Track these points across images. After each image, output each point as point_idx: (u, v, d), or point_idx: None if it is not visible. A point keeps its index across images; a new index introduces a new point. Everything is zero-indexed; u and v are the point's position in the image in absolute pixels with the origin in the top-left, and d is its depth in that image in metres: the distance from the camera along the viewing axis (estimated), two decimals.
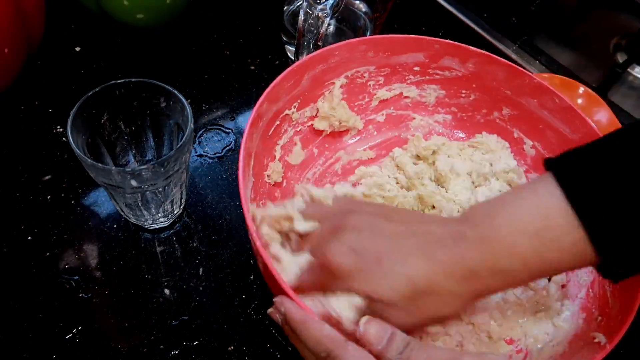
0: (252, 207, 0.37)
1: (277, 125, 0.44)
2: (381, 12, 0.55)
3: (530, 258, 0.29)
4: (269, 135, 0.44)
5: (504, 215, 0.30)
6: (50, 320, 0.39)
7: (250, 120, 0.38)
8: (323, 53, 0.44)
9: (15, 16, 0.43)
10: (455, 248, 0.30)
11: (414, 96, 0.51)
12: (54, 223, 0.43)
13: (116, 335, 0.39)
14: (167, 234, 0.45)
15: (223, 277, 0.43)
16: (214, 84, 0.56)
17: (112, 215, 0.45)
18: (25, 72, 0.49)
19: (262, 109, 0.41)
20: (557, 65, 0.65)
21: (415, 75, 0.49)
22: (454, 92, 0.50)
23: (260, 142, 0.42)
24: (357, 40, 0.45)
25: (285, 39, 0.57)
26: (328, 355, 0.28)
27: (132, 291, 0.41)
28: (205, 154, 0.50)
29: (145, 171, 0.36)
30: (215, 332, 0.40)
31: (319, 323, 0.28)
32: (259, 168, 0.43)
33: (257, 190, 0.41)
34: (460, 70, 0.48)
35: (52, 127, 0.49)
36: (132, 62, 0.56)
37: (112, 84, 0.38)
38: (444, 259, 0.30)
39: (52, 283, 0.40)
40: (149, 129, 0.42)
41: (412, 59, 0.48)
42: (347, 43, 0.45)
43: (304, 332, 0.28)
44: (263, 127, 0.42)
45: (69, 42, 0.56)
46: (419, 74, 0.49)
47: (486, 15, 0.70)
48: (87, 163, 0.35)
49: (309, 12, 0.43)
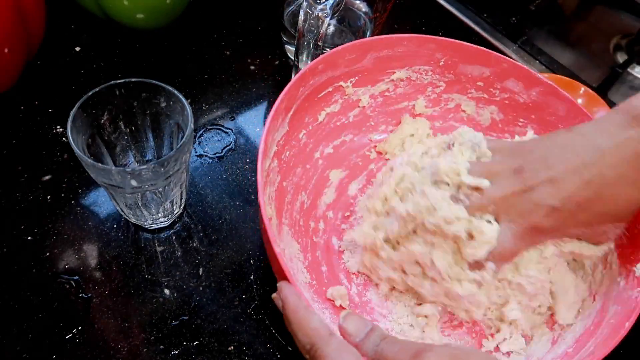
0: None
1: (328, 91, 0.44)
2: (381, 12, 0.55)
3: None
4: (318, 97, 0.44)
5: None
6: (50, 320, 0.39)
7: (300, 73, 0.39)
8: (391, 39, 0.44)
9: (15, 16, 0.43)
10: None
11: (471, 112, 0.49)
12: (54, 223, 0.43)
13: (116, 335, 0.39)
14: (167, 234, 0.45)
15: (223, 277, 0.43)
16: (214, 84, 0.56)
17: (112, 215, 0.45)
18: (25, 72, 0.49)
19: (318, 68, 0.41)
20: (557, 65, 0.65)
21: (478, 91, 0.48)
22: (512, 119, 0.48)
23: (305, 100, 0.42)
24: (428, 37, 0.45)
25: (285, 39, 0.57)
26: (312, 348, 0.28)
27: (132, 291, 0.41)
28: (205, 154, 0.50)
29: (145, 171, 0.36)
30: (215, 332, 0.40)
31: (310, 314, 0.28)
32: (298, 122, 0.43)
33: (288, 139, 0.43)
34: (523, 96, 0.46)
35: (52, 127, 0.49)
36: (132, 62, 0.56)
37: (112, 84, 0.38)
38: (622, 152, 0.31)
39: (52, 283, 0.40)
40: (149, 129, 0.42)
41: (477, 72, 0.46)
42: (418, 37, 0.44)
43: (295, 321, 0.29)
44: (313, 87, 0.42)
45: (69, 42, 0.56)
46: (482, 90, 0.47)
47: (486, 15, 0.70)
48: (87, 163, 0.35)
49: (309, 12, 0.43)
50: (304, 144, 0.46)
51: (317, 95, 0.44)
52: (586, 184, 0.32)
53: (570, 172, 0.32)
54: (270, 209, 0.40)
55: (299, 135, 0.45)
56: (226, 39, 0.60)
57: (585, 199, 0.32)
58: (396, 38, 0.44)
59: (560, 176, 0.33)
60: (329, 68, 0.43)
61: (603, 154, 0.32)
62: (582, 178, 0.32)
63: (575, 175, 0.32)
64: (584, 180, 0.32)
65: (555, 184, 0.33)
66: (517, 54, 0.66)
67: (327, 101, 0.46)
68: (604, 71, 0.66)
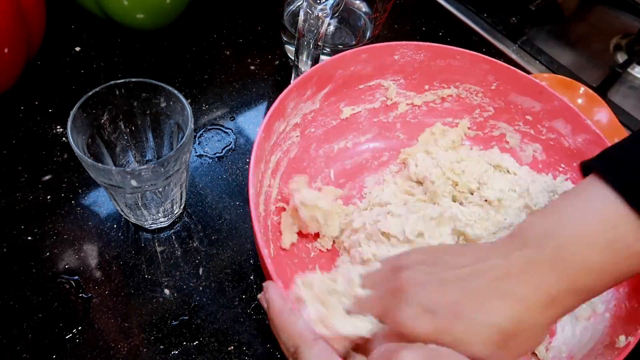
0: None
1: (369, 85, 0.45)
2: (381, 12, 0.55)
3: (606, 271, 0.28)
4: (359, 88, 0.45)
5: (566, 231, 0.28)
6: (50, 320, 0.39)
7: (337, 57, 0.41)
8: (446, 50, 0.44)
9: (16, 16, 0.43)
10: (530, 279, 0.28)
11: (514, 145, 0.48)
12: (54, 223, 0.43)
13: (116, 335, 0.39)
14: (167, 234, 0.45)
15: (223, 277, 0.43)
16: (214, 84, 0.56)
17: (112, 215, 0.45)
18: (25, 72, 0.49)
19: (361, 57, 0.42)
20: (557, 65, 0.65)
21: (525, 125, 0.46)
22: (553, 162, 0.46)
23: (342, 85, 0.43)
24: (483, 58, 0.44)
25: (285, 39, 0.57)
26: (295, 351, 0.28)
27: (132, 291, 0.41)
28: (205, 154, 0.50)
29: (145, 171, 0.36)
30: (215, 332, 0.40)
31: (294, 317, 0.28)
32: (332, 105, 0.44)
33: (316, 116, 0.44)
34: (569, 140, 0.44)
35: (52, 127, 0.49)
36: (132, 62, 0.56)
37: (112, 84, 0.38)
38: (522, 293, 0.28)
39: (52, 283, 0.40)
40: (149, 129, 0.42)
41: (527, 104, 0.45)
42: (472, 54, 0.44)
43: (279, 323, 0.28)
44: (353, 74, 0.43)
45: (69, 42, 0.56)
46: (529, 125, 0.46)
47: (486, 15, 0.70)
48: (87, 163, 0.35)
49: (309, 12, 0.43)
50: (333, 128, 0.46)
51: (357, 85, 0.44)
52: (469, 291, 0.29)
53: (454, 279, 0.30)
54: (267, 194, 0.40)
55: (330, 119, 0.45)
56: (226, 39, 0.60)
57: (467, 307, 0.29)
58: (450, 50, 0.44)
59: (443, 279, 0.30)
60: (375, 60, 0.43)
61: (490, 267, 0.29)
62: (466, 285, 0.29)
63: (458, 284, 0.29)
64: (467, 288, 0.29)
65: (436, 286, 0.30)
66: (517, 54, 0.66)
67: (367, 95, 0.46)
68: (604, 71, 0.66)
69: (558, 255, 0.28)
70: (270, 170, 0.41)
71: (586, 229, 0.28)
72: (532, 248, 0.29)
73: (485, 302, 0.28)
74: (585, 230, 0.28)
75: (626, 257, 0.28)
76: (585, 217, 0.28)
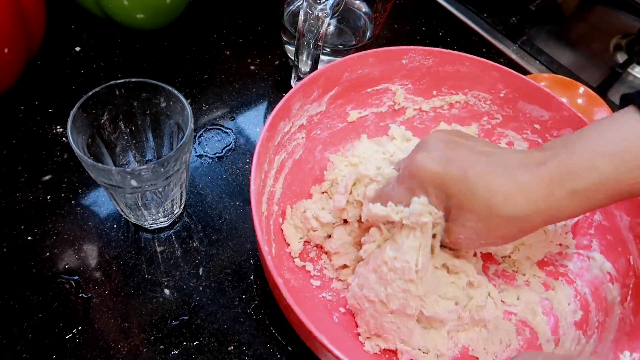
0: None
1: (377, 89, 0.45)
2: (381, 12, 0.55)
3: (609, 178, 0.30)
4: (366, 91, 0.45)
5: (583, 142, 0.31)
6: (50, 320, 0.39)
7: (344, 59, 0.41)
8: (452, 56, 0.44)
9: (16, 16, 0.43)
10: (536, 171, 0.31)
11: None
12: (54, 223, 0.43)
13: (116, 335, 0.39)
14: (167, 234, 0.45)
15: (223, 277, 0.43)
16: (214, 84, 0.56)
17: (112, 215, 0.45)
18: (25, 72, 0.49)
19: (368, 61, 0.42)
20: (557, 65, 0.65)
21: (534, 134, 0.46)
22: None
23: (349, 88, 0.44)
24: (493, 65, 0.44)
25: (285, 39, 0.57)
26: None
27: (132, 291, 0.41)
28: (205, 154, 0.50)
29: (145, 171, 0.36)
30: (215, 332, 0.40)
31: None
32: (338, 108, 0.45)
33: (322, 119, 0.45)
34: None
35: (52, 127, 0.49)
36: (132, 62, 0.56)
37: (112, 84, 0.38)
38: (524, 179, 0.31)
39: (52, 283, 0.40)
40: (149, 129, 0.42)
41: (536, 113, 0.45)
42: (482, 61, 0.44)
43: None
44: (361, 77, 0.44)
45: (69, 42, 0.56)
46: (537, 134, 0.46)
47: (486, 15, 0.70)
48: (87, 163, 0.35)
49: (309, 12, 0.43)
50: (339, 131, 0.47)
51: (365, 89, 0.45)
52: (478, 157, 0.32)
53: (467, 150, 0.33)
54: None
55: (337, 121, 0.46)
56: (226, 39, 0.60)
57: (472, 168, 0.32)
58: (458, 56, 0.44)
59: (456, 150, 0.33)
60: (382, 63, 0.43)
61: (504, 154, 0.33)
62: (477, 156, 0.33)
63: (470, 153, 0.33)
64: (478, 157, 0.33)
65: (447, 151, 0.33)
66: (517, 54, 0.66)
67: (374, 98, 0.46)
68: (604, 71, 0.67)
69: (568, 159, 0.30)
70: (274, 171, 0.41)
71: (602, 141, 0.30)
72: (548, 153, 0.32)
73: (490, 174, 0.31)
74: (601, 142, 0.30)
75: (633, 168, 0.29)
76: (606, 132, 0.31)
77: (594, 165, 0.30)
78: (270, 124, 0.37)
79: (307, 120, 0.43)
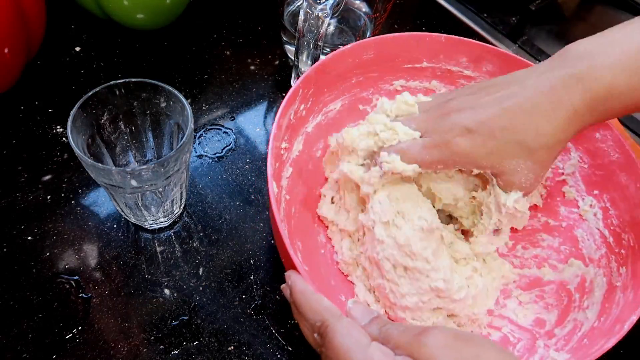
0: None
1: (361, 80, 0.46)
2: (381, 12, 0.55)
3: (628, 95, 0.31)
4: (351, 81, 0.46)
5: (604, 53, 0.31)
6: (50, 320, 0.39)
7: (343, 48, 0.42)
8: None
9: (16, 16, 0.43)
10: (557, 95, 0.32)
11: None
12: (54, 223, 0.43)
13: (116, 335, 0.39)
14: (167, 234, 0.45)
15: (223, 277, 0.43)
16: (214, 84, 0.56)
17: (112, 215, 0.45)
18: (25, 72, 0.49)
19: (367, 55, 0.43)
20: None
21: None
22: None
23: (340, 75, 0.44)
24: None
25: (285, 39, 0.57)
26: (322, 324, 0.28)
27: (132, 291, 0.41)
28: (205, 154, 0.50)
29: (145, 171, 0.36)
30: (215, 332, 0.40)
31: (319, 296, 0.29)
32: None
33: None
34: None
35: (52, 127, 0.49)
36: (132, 62, 0.56)
37: (112, 84, 0.38)
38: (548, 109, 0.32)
39: (52, 283, 0.40)
40: (149, 129, 0.42)
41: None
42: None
43: (304, 302, 0.29)
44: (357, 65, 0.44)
45: (69, 42, 0.56)
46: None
47: (486, 15, 0.70)
48: (87, 163, 0.35)
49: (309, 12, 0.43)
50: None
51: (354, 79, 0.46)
52: (502, 111, 0.33)
53: (492, 101, 0.34)
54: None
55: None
56: (226, 39, 0.60)
57: (499, 126, 0.33)
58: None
59: (481, 104, 0.34)
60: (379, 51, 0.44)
61: (524, 87, 0.33)
62: (501, 106, 0.33)
63: (495, 105, 0.34)
64: (501, 108, 0.33)
65: (475, 110, 0.34)
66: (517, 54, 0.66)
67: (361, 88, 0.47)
68: None
69: (588, 74, 0.31)
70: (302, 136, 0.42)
71: (623, 54, 0.31)
72: (567, 68, 0.32)
73: (513, 120, 0.33)
74: (622, 54, 0.31)
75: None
76: (628, 42, 0.31)
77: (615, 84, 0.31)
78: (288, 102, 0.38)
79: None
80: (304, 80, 0.40)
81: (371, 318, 0.30)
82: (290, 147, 0.42)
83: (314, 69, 0.41)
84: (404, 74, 0.47)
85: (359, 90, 0.46)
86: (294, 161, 0.42)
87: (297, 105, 0.41)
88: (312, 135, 0.45)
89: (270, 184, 0.34)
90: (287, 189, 0.41)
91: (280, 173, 0.40)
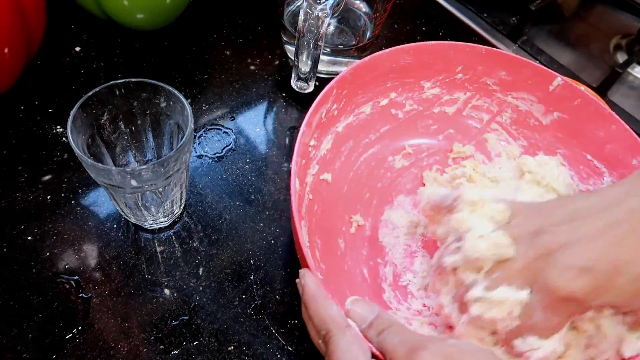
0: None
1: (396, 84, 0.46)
2: (381, 12, 0.55)
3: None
4: (386, 85, 0.46)
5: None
6: (50, 320, 0.39)
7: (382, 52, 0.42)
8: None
9: (15, 16, 0.43)
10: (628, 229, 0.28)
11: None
12: (54, 223, 0.43)
13: (116, 335, 0.39)
14: (167, 234, 0.45)
15: (223, 277, 0.43)
16: (214, 84, 0.56)
17: (112, 215, 0.45)
18: (25, 72, 0.49)
19: (404, 60, 0.44)
20: (557, 65, 0.65)
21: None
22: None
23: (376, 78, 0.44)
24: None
25: (285, 39, 0.57)
26: (327, 334, 0.28)
27: (132, 291, 0.41)
28: (205, 154, 0.50)
29: (145, 171, 0.36)
30: (215, 332, 0.40)
31: (329, 302, 0.29)
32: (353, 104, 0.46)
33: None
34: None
35: (52, 127, 0.49)
36: (132, 62, 0.56)
37: (112, 84, 0.38)
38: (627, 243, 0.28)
39: (52, 283, 0.40)
40: (149, 129, 0.42)
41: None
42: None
43: (312, 307, 0.29)
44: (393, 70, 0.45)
45: (69, 42, 0.56)
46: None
47: (486, 15, 0.70)
48: (87, 163, 0.35)
49: (309, 12, 0.43)
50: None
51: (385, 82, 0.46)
52: (620, 240, 0.29)
53: (600, 230, 0.29)
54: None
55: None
56: (226, 39, 0.60)
57: (621, 259, 0.29)
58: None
59: (589, 235, 0.29)
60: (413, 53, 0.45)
61: (633, 211, 0.29)
62: (615, 235, 0.29)
63: (606, 234, 0.29)
64: (617, 237, 0.29)
65: (584, 243, 0.29)
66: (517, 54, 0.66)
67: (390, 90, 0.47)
68: (604, 71, 0.66)
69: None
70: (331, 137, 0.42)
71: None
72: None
73: (632, 249, 0.28)
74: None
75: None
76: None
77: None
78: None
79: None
80: (339, 81, 0.40)
81: (370, 321, 0.30)
82: (318, 145, 0.42)
83: (351, 70, 0.41)
84: (440, 82, 0.47)
85: (393, 94, 0.47)
86: (321, 159, 0.43)
87: (330, 105, 0.41)
88: (342, 134, 0.45)
89: (292, 180, 0.34)
90: (312, 186, 0.42)
91: (305, 170, 0.40)
